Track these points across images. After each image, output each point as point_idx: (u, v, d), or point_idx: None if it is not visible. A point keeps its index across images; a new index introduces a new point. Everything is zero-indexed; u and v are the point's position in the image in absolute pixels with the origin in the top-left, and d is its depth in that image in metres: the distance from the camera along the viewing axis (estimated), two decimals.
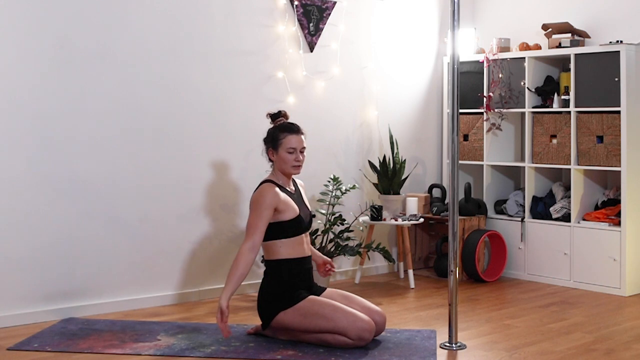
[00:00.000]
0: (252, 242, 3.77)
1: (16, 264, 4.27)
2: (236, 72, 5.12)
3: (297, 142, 3.94)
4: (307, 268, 3.97)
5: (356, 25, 5.74)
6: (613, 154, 5.19)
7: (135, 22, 4.67)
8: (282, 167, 3.95)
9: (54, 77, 4.38)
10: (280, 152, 3.93)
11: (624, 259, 5.14)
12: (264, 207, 3.80)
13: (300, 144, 3.95)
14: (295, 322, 3.81)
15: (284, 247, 3.89)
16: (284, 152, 3.92)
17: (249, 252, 3.75)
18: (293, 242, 3.91)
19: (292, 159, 3.93)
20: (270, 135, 3.99)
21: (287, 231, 3.89)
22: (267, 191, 3.84)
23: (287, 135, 3.93)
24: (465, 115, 6.00)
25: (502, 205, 5.92)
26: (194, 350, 3.74)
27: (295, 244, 3.92)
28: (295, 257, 3.92)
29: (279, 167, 3.96)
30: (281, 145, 3.93)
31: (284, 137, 3.93)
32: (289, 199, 3.92)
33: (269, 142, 3.99)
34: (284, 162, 3.93)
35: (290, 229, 3.89)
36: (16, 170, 4.27)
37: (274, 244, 3.90)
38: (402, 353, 3.73)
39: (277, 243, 3.90)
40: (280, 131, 3.95)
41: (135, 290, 4.72)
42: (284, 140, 3.93)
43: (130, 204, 4.68)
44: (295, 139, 3.94)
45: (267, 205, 3.81)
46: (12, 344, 3.84)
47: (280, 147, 3.93)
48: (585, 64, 5.33)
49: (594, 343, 3.98)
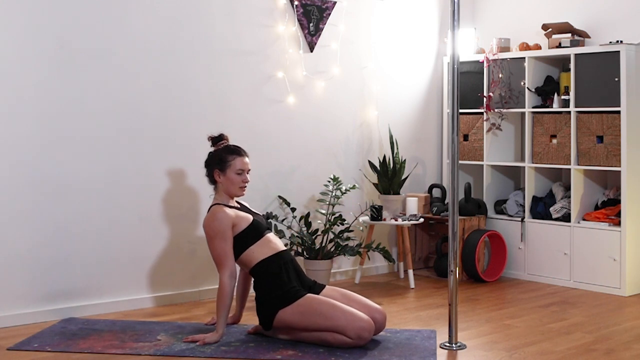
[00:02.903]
0: (229, 270, 3.90)
1: (16, 263, 4.27)
2: (236, 72, 5.12)
3: (245, 164, 4.08)
4: (289, 259, 4.04)
5: (356, 25, 5.74)
6: (613, 154, 5.19)
7: (135, 22, 4.68)
8: (229, 189, 4.06)
9: (54, 77, 4.38)
10: (228, 174, 4.04)
11: (624, 259, 5.14)
12: (224, 230, 3.92)
13: (247, 166, 4.10)
14: (295, 320, 3.82)
15: (256, 251, 3.98)
16: (233, 174, 4.04)
17: (230, 281, 3.88)
18: (261, 244, 4.00)
19: (240, 180, 4.06)
20: (217, 157, 4.09)
21: (249, 238, 3.98)
22: (219, 213, 3.95)
23: (236, 157, 4.06)
24: (465, 115, 6.00)
25: (502, 205, 5.92)
26: (194, 350, 3.74)
27: (265, 244, 4.01)
28: (272, 254, 3.99)
29: (226, 188, 4.07)
30: (230, 166, 4.04)
31: (232, 159, 4.05)
32: (238, 212, 4.04)
33: (214, 163, 4.08)
34: (231, 183, 4.04)
35: (251, 234, 3.99)
36: (16, 170, 4.27)
37: (246, 254, 3.99)
38: (402, 353, 3.73)
39: (248, 252, 3.98)
40: (228, 153, 4.07)
41: (135, 290, 4.72)
42: (232, 162, 4.05)
43: (130, 204, 4.68)
44: (243, 161, 4.08)
45: (226, 227, 3.92)
46: (12, 344, 3.84)
47: (229, 169, 4.04)
48: (585, 64, 5.33)
49: (594, 343, 3.98)
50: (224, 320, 3.89)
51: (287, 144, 5.38)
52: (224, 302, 3.86)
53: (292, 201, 5.31)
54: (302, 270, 4.13)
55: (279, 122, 5.33)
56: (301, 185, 5.45)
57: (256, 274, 3.98)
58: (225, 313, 3.88)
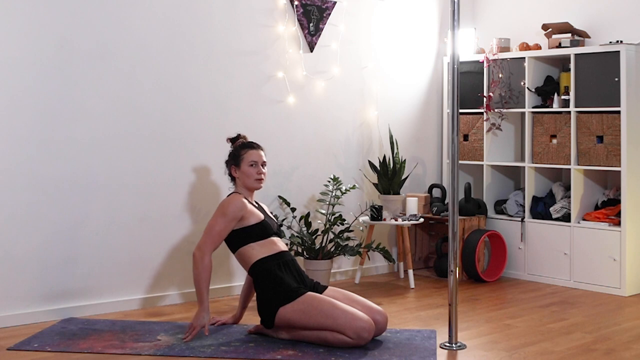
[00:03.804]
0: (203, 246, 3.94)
1: (16, 264, 4.27)
2: (236, 72, 5.12)
3: (258, 156, 4.17)
4: (290, 259, 4.06)
5: (356, 25, 5.74)
6: (613, 154, 5.19)
7: (135, 23, 4.67)
8: (246, 182, 4.14)
9: (54, 77, 4.38)
10: (242, 167, 4.13)
11: (624, 259, 5.14)
12: (232, 215, 3.97)
13: (261, 158, 4.17)
14: (295, 318, 3.83)
15: (256, 249, 4.00)
16: (246, 166, 4.13)
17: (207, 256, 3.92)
18: (264, 244, 4.03)
19: (255, 172, 4.13)
20: (232, 154, 4.21)
21: (254, 235, 4.01)
22: (236, 199, 4.03)
23: (248, 150, 4.16)
24: (465, 115, 6.00)
25: (502, 205, 5.92)
26: (194, 350, 3.74)
27: (267, 245, 4.03)
28: (273, 253, 4.01)
29: (243, 182, 4.15)
30: (243, 160, 4.14)
31: (245, 153, 4.15)
32: (253, 207, 4.10)
33: (230, 160, 4.20)
34: (246, 176, 4.12)
35: (256, 232, 4.02)
36: (16, 170, 4.27)
37: (246, 250, 4.01)
38: (402, 353, 3.73)
39: (248, 248, 4.00)
40: (241, 148, 4.18)
41: (135, 290, 4.72)
42: (245, 155, 4.14)
43: (130, 204, 4.68)
44: (256, 153, 4.17)
45: (234, 214, 3.98)
46: (12, 344, 3.84)
47: (242, 162, 4.13)
48: (585, 64, 5.33)
49: (594, 343, 3.98)
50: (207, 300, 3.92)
51: (287, 144, 5.38)
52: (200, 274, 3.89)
53: (292, 201, 5.31)
54: (303, 271, 4.14)
55: (279, 122, 5.34)
56: (301, 185, 5.45)
57: (255, 272, 3.99)
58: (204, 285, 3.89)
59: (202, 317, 3.90)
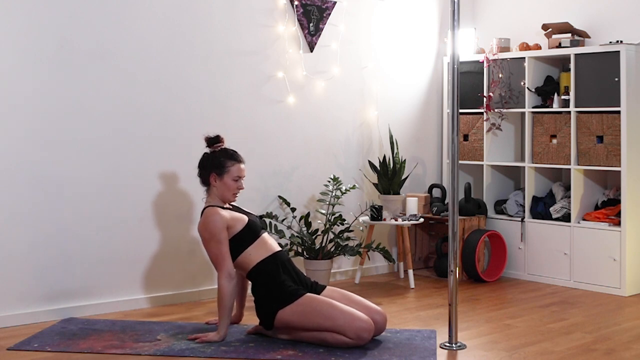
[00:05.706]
0: (227, 272, 3.90)
1: (16, 264, 4.27)
2: (236, 72, 5.12)
3: (242, 170, 4.10)
4: (286, 259, 4.05)
5: (356, 25, 5.74)
6: (613, 154, 5.19)
7: (135, 23, 4.67)
8: (224, 194, 4.07)
9: (54, 77, 4.38)
10: (225, 179, 4.05)
11: (624, 259, 5.14)
12: (219, 233, 3.92)
13: (244, 173, 4.11)
14: (294, 320, 3.83)
15: (253, 253, 3.98)
16: (230, 180, 4.05)
17: (228, 282, 3.89)
18: (258, 245, 4.00)
19: (235, 187, 4.07)
20: (215, 160, 4.07)
21: (246, 239, 3.99)
22: (213, 216, 3.95)
23: (235, 163, 4.07)
24: (465, 115, 6.00)
25: (502, 205, 5.92)
26: (194, 350, 3.74)
27: (261, 246, 4.01)
28: (269, 255, 3.99)
29: (220, 193, 4.07)
30: (228, 172, 4.04)
31: (231, 165, 4.06)
32: (232, 212, 4.05)
33: (212, 167, 4.07)
34: (227, 189, 4.05)
35: (248, 235, 4.00)
36: (16, 170, 4.27)
37: (243, 257, 3.99)
38: (402, 353, 3.73)
39: (245, 255, 3.98)
40: (227, 159, 4.07)
41: (135, 290, 4.72)
42: (231, 169, 4.05)
43: (130, 204, 4.68)
44: (242, 168, 4.09)
45: (220, 229, 3.93)
46: (12, 344, 3.84)
47: (227, 174, 4.05)
48: (585, 64, 5.33)
49: (594, 343, 3.98)
50: (225, 321, 3.90)
51: (287, 144, 5.38)
52: (224, 303, 3.87)
53: (292, 201, 5.31)
54: (300, 270, 4.14)
55: (279, 122, 5.34)
56: (301, 185, 5.45)
57: (254, 277, 3.99)
58: (226, 313, 3.89)
59: (213, 339, 3.88)
